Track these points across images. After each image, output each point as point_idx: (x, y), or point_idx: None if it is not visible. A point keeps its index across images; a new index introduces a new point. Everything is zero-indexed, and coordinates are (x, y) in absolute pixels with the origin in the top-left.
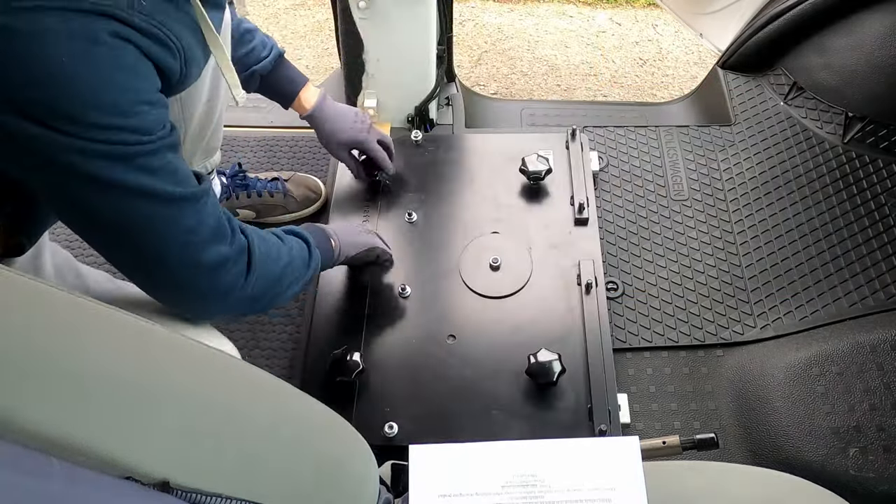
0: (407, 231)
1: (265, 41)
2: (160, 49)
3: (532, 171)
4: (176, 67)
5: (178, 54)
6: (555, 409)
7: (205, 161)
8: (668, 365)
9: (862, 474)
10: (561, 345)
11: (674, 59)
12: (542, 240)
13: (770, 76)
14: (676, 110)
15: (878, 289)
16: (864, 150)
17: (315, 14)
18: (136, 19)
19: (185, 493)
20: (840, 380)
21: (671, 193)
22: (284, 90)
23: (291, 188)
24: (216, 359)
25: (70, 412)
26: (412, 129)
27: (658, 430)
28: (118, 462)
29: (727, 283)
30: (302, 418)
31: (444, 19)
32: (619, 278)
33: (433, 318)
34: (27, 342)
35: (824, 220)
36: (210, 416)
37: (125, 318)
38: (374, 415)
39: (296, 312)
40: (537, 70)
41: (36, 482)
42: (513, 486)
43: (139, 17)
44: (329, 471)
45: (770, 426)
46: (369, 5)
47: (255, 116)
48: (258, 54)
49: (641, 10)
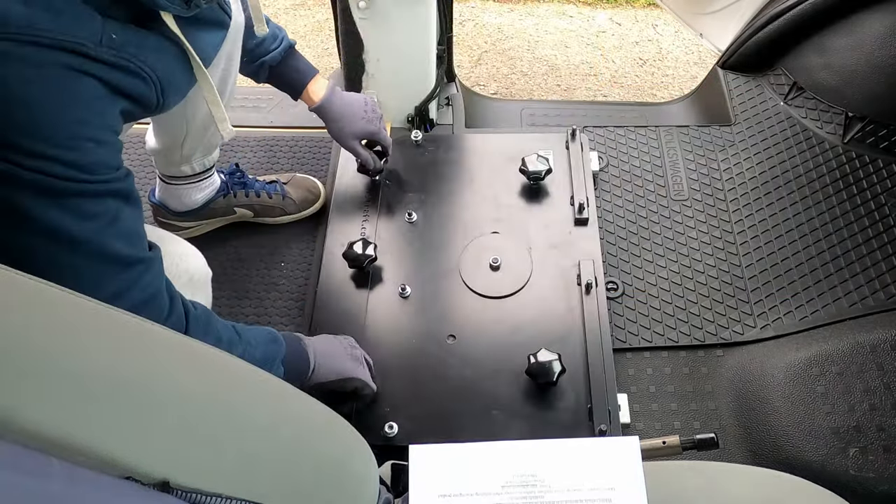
0: (407, 231)
1: (276, 33)
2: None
3: (532, 171)
4: (152, 96)
5: (152, 85)
6: (555, 409)
7: (204, 159)
8: (668, 365)
9: (862, 474)
10: (561, 345)
11: (674, 59)
12: (542, 240)
13: (770, 76)
14: (676, 110)
15: (878, 289)
16: (864, 150)
17: (315, 14)
18: (105, 54)
19: (185, 493)
20: (840, 380)
21: (671, 193)
22: (293, 82)
23: (290, 190)
24: (216, 359)
25: (70, 412)
26: (412, 129)
27: (658, 430)
28: (118, 462)
29: (727, 283)
30: (302, 418)
31: (444, 19)
32: (619, 278)
33: (433, 318)
34: (27, 342)
35: (824, 220)
36: (210, 416)
37: (125, 318)
38: (374, 415)
39: (296, 312)
40: (537, 70)
41: (36, 482)
42: (513, 486)
43: (107, 51)
44: (329, 471)
45: (770, 426)
46: (369, 5)
47: (255, 116)
48: (268, 46)
49: (641, 10)
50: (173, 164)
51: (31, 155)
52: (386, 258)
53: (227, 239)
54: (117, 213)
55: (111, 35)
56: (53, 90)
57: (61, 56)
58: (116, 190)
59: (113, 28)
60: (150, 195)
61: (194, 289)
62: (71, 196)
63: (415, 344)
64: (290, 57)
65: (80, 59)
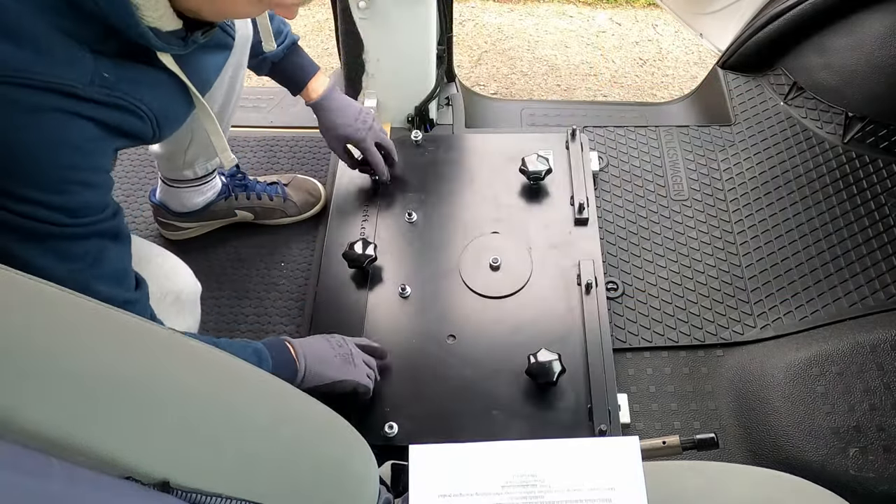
0: (407, 231)
1: (280, 28)
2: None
3: (532, 171)
4: (147, 131)
5: (148, 121)
6: (555, 409)
7: (207, 163)
8: (668, 365)
9: (862, 474)
10: (561, 345)
11: (674, 59)
12: (542, 240)
13: (770, 76)
14: (676, 110)
15: (878, 289)
16: (864, 150)
17: (315, 14)
18: (96, 94)
19: (185, 493)
20: (840, 380)
21: (671, 193)
22: (295, 77)
23: (291, 192)
24: (216, 359)
25: (70, 412)
26: (412, 129)
27: (658, 430)
28: (118, 462)
29: (727, 283)
30: (302, 418)
31: (444, 19)
32: (619, 278)
33: (433, 318)
34: (27, 342)
35: (824, 220)
36: (210, 416)
37: (125, 318)
38: (374, 415)
39: (296, 312)
40: (537, 70)
41: (36, 482)
42: (513, 486)
43: (99, 91)
44: (329, 471)
45: (770, 426)
46: (369, 5)
47: (255, 116)
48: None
49: (641, 10)
50: (176, 168)
51: (19, 199)
52: (386, 258)
53: (227, 239)
54: (101, 254)
55: (103, 74)
56: (45, 135)
57: (53, 99)
58: (102, 231)
59: (105, 66)
60: (151, 195)
61: (181, 308)
62: (55, 239)
63: (415, 344)
64: (293, 53)
65: (71, 101)
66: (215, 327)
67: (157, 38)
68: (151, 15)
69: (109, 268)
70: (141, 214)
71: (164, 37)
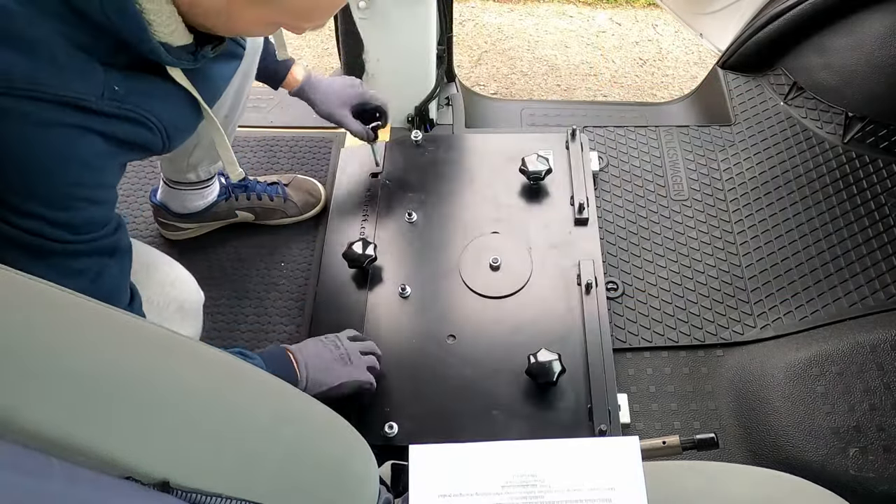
0: (407, 231)
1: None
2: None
3: (532, 171)
4: (157, 142)
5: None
6: (555, 409)
7: (210, 167)
8: (668, 365)
9: (862, 474)
10: (561, 345)
11: (674, 59)
12: (542, 240)
13: (770, 76)
14: (676, 110)
15: (878, 289)
16: (864, 150)
17: None
18: (107, 107)
19: (185, 493)
20: (840, 380)
21: (671, 193)
22: (275, 72)
23: (291, 193)
24: (217, 359)
25: (70, 412)
26: (412, 129)
27: (658, 430)
28: (118, 462)
29: (727, 283)
30: (302, 418)
31: (444, 19)
32: (619, 278)
33: (433, 318)
34: (27, 342)
35: (824, 220)
36: (210, 416)
37: (125, 318)
38: (374, 415)
39: (296, 312)
40: (537, 70)
41: (36, 482)
42: (513, 486)
43: (110, 104)
44: (329, 471)
45: (770, 426)
46: (369, 5)
47: (255, 116)
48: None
49: (641, 10)
50: (179, 170)
51: (23, 214)
52: (386, 258)
53: (227, 239)
54: (101, 270)
55: (114, 87)
56: (53, 151)
57: (63, 113)
58: (103, 247)
59: (115, 79)
60: (152, 195)
61: (183, 318)
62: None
63: (415, 344)
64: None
65: (81, 114)
66: (215, 327)
67: (168, 54)
68: (164, 31)
69: (107, 285)
70: (141, 214)
71: (174, 52)
